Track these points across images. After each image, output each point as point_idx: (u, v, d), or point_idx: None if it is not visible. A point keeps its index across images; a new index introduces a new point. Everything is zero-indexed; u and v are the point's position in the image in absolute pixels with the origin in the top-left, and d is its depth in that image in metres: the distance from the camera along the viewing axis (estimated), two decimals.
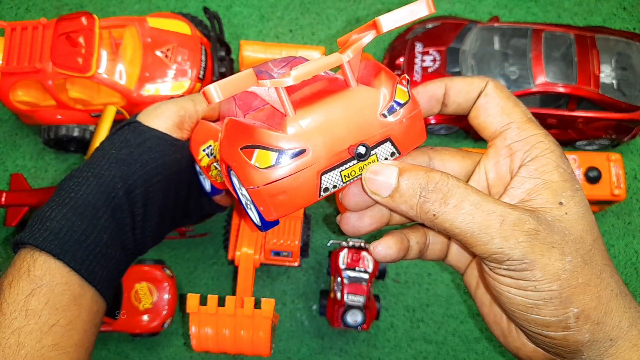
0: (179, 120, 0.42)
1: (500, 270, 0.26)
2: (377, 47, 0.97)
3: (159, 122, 0.42)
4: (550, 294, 0.25)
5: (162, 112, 0.42)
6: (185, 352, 0.85)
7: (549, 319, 0.26)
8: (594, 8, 0.99)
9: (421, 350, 0.85)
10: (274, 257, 0.80)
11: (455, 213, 0.24)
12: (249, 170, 0.28)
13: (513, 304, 0.26)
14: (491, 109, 0.28)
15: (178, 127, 0.42)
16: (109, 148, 0.41)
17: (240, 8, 1.00)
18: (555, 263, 0.25)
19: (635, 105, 0.83)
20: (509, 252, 0.24)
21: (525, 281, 0.25)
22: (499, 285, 0.26)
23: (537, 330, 0.27)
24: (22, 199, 0.83)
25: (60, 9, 0.99)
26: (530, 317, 0.26)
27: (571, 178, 0.27)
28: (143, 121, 0.42)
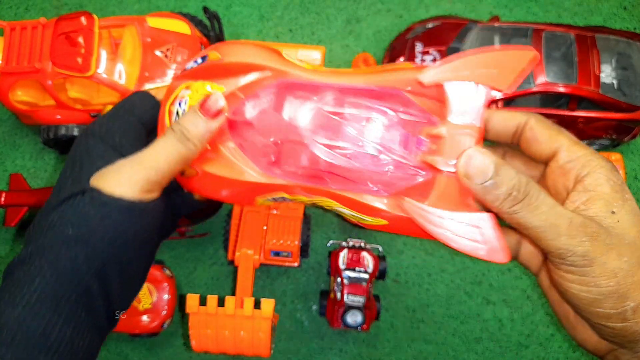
0: (148, 187, 0.33)
1: (564, 267, 0.30)
2: (378, 46, 0.97)
3: (123, 189, 0.33)
4: (609, 290, 0.29)
5: (127, 178, 0.33)
6: (184, 353, 0.85)
7: (609, 311, 0.29)
8: (594, 8, 0.99)
9: (421, 350, 0.85)
10: (273, 258, 0.80)
11: (533, 212, 0.29)
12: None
13: (578, 299, 0.30)
14: (540, 138, 0.32)
15: (146, 192, 0.33)
16: (62, 226, 0.32)
17: (239, 8, 0.99)
18: (612, 262, 0.29)
19: (635, 105, 0.82)
20: (573, 248, 0.28)
21: (587, 277, 0.29)
22: (565, 283, 0.30)
23: (600, 322, 0.30)
24: (21, 199, 0.83)
25: (59, 8, 0.99)
26: (593, 311, 0.30)
27: (621, 189, 0.30)
28: (103, 187, 0.33)
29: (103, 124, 0.37)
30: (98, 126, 0.36)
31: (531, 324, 0.86)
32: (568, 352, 0.85)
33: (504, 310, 0.86)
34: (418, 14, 0.99)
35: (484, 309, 0.86)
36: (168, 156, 0.34)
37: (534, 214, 0.28)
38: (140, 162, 0.34)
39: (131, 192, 0.33)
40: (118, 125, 0.37)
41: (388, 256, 0.86)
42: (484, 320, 0.86)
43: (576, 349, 0.85)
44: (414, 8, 0.99)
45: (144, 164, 0.33)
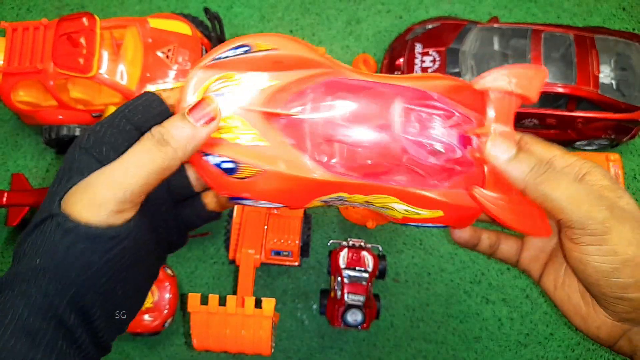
0: (118, 208, 0.29)
1: (585, 237, 0.32)
2: (377, 47, 0.97)
3: (89, 212, 0.29)
4: (627, 257, 0.31)
5: (92, 197, 0.29)
6: (186, 351, 0.85)
7: (627, 280, 0.32)
8: (593, 8, 1.00)
9: (421, 349, 0.85)
10: (274, 257, 0.80)
11: (555, 185, 0.32)
12: None
13: (598, 271, 0.32)
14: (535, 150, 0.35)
15: (116, 212, 0.30)
16: (30, 255, 0.30)
17: (240, 9, 1.00)
18: (628, 232, 0.31)
19: (634, 105, 0.83)
20: (594, 215, 0.31)
21: (606, 245, 0.31)
22: (586, 256, 0.32)
23: (618, 294, 0.32)
24: (23, 199, 0.83)
25: (61, 9, 0.99)
26: (612, 282, 0.32)
27: (618, 185, 0.34)
28: (70, 212, 0.29)
29: (93, 133, 0.33)
30: (88, 135, 0.33)
31: (530, 323, 0.86)
32: (567, 351, 0.85)
33: (503, 309, 0.87)
34: (418, 15, 0.99)
35: (484, 308, 0.87)
36: (141, 168, 0.29)
37: (556, 186, 0.31)
38: (107, 178, 0.29)
39: (97, 216, 0.29)
40: (110, 134, 0.32)
41: (388, 255, 0.87)
42: (483, 319, 0.86)
43: (575, 348, 0.85)
44: (413, 9, 1.00)
45: (111, 181, 0.29)
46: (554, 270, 0.38)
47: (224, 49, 0.33)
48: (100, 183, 0.29)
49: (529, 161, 0.32)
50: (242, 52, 0.33)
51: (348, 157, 0.34)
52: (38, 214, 0.32)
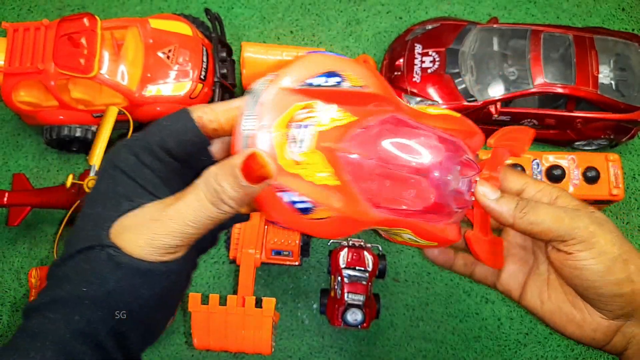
0: (171, 250, 0.30)
1: (576, 246, 0.36)
2: (377, 48, 0.98)
3: (141, 248, 0.30)
4: (614, 255, 0.35)
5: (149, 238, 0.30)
6: (186, 351, 0.85)
7: (619, 276, 0.35)
8: (592, 9, 1.00)
9: (421, 348, 0.85)
10: (274, 256, 0.81)
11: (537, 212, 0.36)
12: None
13: (594, 273, 0.36)
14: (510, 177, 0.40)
15: (170, 254, 0.31)
16: (77, 283, 0.30)
17: (241, 9, 1.00)
18: (608, 234, 0.36)
19: (633, 105, 0.83)
20: (577, 224, 0.35)
21: (596, 248, 0.35)
22: (580, 262, 0.36)
23: (614, 291, 0.36)
24: (24, 199, 0.83)
25: (62, 10, 0.99)
26: (608, 279, 0.35)
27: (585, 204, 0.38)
28: (122, 245, 0.30)
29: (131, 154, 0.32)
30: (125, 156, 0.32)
31: (530, 323, 0.86)
32: (566, 350, 0.86)
33: (503, 308, 0.87)
34: (417, 15, 0.99)
35: (483, 307, 0.87)
36: (196, 218, 0.30)
37: (539, 213, 0.36)
38: (164, 221, 0.30)
39: (151, 254, 0.30)
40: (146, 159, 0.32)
41: (388, 255, 0.87)
42: (482, 318, 0.86)
43: (575, 347, 0.85)
44: (413, 10, 1.00)
45: (168, 225, 0.30)
46: (536, 287, 0.41)
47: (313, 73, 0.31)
48: (157, 225, 0.30)
49: (512, 200, 0.37)
50: (334, 83, 0.31)
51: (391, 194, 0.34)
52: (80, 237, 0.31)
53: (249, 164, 0.28)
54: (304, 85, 0.30)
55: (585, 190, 0.79)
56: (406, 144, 0.34)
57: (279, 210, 0.31)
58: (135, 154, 0.32)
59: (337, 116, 0.31)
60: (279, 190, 0.30)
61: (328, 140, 0.31)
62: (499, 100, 0.84)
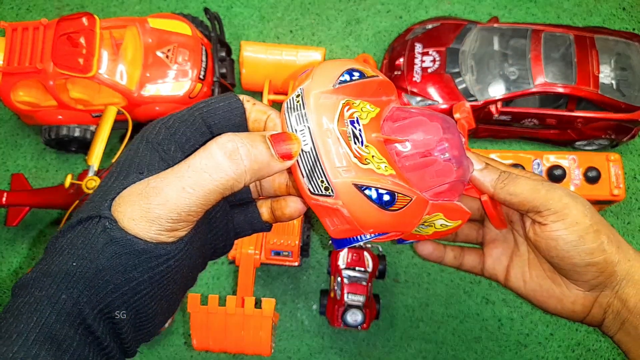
0: (171, 226, 0.27)
1: (550, 217, 0.38)
2: (377, 47, 0.97)
3: (140, 226, 0.26)
4: (587, 225, 0.37)
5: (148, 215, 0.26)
6: (185, 352, 0.85)
7: (591, 245, 0.37)
8: (593, 8, 1.00)
9: (421, 349, 0.85)
10: (274, 257, 0.80)
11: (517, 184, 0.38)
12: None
13: (568, 242, 0.37)
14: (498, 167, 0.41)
15: (170, 231, 0.27)
16: (68, 256, 0.27)
17: (240, 9, 1.00)
18: (580, 206, 0.37)
19: (634, 105, 0.83)
20: (552, 195, 0.37)
21: (569, 219, 0.37)
22: (554, 233, 0.38)
23: (587, 260, 0.37)
24: (23, 199, 0.83)
25: (61, 9, 0.99)
26: (581, 249, 0.37)
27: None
28: (120, 219, 0.27)
29: (165, 127, 0.30)
30: (158, 128, 0.30)
31: (530, 323, 0.86)
32: (567, 351, 0.85)
33: (503, 309, 0.87)
34: (418, 15, 0.99)
35: (483, 308, 0.87)
36: (201, 186, 0.26)
37: (518, 185, 0.38)
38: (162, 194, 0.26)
39: (147, 230, 0.27)
40: (182, 132, 0.29)
41: (388, 255, 0.87)
42: (483, 319, 0.86)
43: (575, 348, 0.85)
44: (413, 9, 1.00)
45: (167, 199, 0.26)
46: (519, 268, 0.43)
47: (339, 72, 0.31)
48: (155, 198, 0.26)
49: (495, 171, 0.39)
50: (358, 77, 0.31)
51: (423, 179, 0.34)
52: (84, 208, 0.29)
53: (278, 138, 0.28)
54: (338, 84, 0.30)
55: (586, 190, 0.78)
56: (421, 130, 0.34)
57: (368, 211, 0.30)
58: (169, 126, 0.30)
59: (369, 108, 0.32)
60: (364, 187, 0.29)
61: (373, 132, 0.31)
62: (500, 100, 0.83)
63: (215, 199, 0.27)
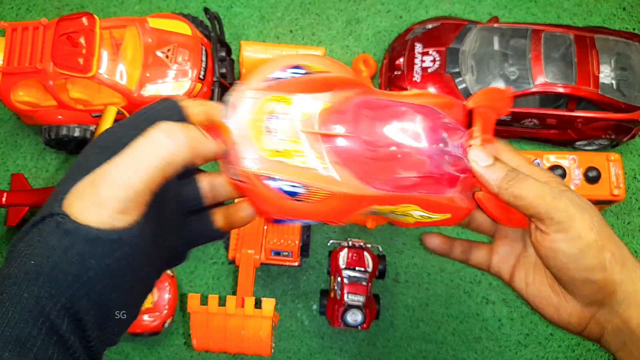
0: (120, 208, 0.28)
1: (553, 227, 0.36)
2: (377, 47, 0.97)
3: (91, 212, 0.27)
4: (590, 240, 0.35)
5: (94, 198, 0.28)
6: (185, 352, 0.85)
7: (592, 262, 0.35)
8: (593, 8, 1.00)
9: (421, 349, 0.85)
10: (274, 257, 0.80)
11: (523, 186, 0.36)
12: None
13: (567, 256, 0.36)
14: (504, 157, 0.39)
15: (119, 213, 0.28)
16: (25, 256, 0.28)
17: (240, 9, 1.00)
18: (588, 219, 0.35)
19: (634, 105, 0.83)
20: (557, 205, 0.35)
21: (572, 232, 0.35)
22: (555, 244, 0.36)
23: (585, 276, 0.36)
24: (23, 199, 0.83)
25: (61, 9, 0.99)
26: (580, 264, 0.35)
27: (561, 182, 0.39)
28: (71, 212, 0.28)
29: (111, 132, 0.31)
30: (104, 134, 0.31)
31: (530, 323, 0.86)
32: (567, 351, 0.85)
33: (503, 309, 0.87)
34: (418, 14, 0.99)
35: (483, 308, 0.87)
36: (144, 162, 0.28)
37: (524, 187, 0.36)
38: (108, 175, 0.27)
39: (98, 217, 0.27)
40: (129, 136, 0.30)
41: (388, 255, 0.87)
42: (483, 319, 0.86)
43: (575, 348, 0.85)
44: (413, 9, 1.00)
45: (113, 178, 0.27)
46: (523, 270, 0.42)
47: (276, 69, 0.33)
48: (102, 181, 0.27)
49: (502, 169, 0.37)
50: (295, 74, 0.34)
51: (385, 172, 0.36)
52: (39, 213, 0.30)
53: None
54: (271, 81, 0.33)
55: (586, 190, 0.78)
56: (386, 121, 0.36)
57: (270, 199, 0.32)
58: (115, 132, 0.32)
59: (310, 104, 0.34)
60: (265, 178, 0.32)
61: (308, 127, 0.33)
62: None
63: (160, 176, 0.28)
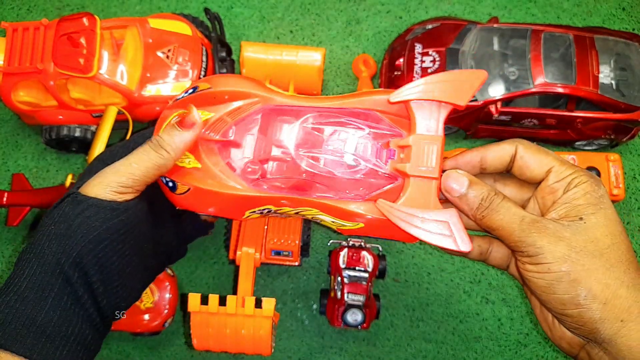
0: (120, 190, 0.39)
1: (523, 258, 0.35)
2: (377, 47, 0.98)
3: (98, 189, 0.38)
4: (560, 275, 0.34)
5: (101, 180, 0.39)
6: (186, 352, 0.85)
7: (563, 296, 0.34)
8: (593, 9, 1.00)
9: (421, 349, 0.85)
10: (274, 257, 0.81)
11: (494, 215, 0.36)
12: None
13: (537, 287, 0.35)
14: (531, 165, 0.38)
15: (119, 193, 0.39)
16: (48, 224, 0.39)
17: (240, 9, 1.00)
18: (561, 250, 0.34)
19: (634, 105, 0.83)
20: (525, 239, 0.35)
21: (541, 264, 0.34)
22: (526, 272, 0.36)
23: (559, 310, 0.35)
24: (23, 199, 0.83)
25: (61, 9, 0.99)
26: (551, 297, 0.35)
27: (597, 201, 0.36)
28: (82, 191, 0.39)
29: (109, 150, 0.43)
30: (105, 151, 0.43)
31: (530, 323, 0.86)
32: None
33: (503, 309, 0.87)
34: (417, 15, 0.99)
35: (483, 307, 0.87)
36: (142, 163, 0.39)
37: (495, 217, 0.36)
38: (116, 169, 0.39)
39: (104, 192, 0.38)
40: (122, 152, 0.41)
41: (388, 255, 0.87)
42: (483, 319, 0.86)
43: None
44: (413, 9, 1.00)
45: (119, 170, 0.39)
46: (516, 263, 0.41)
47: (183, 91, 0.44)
48: (109, 171, 0.39)
49: (476, 198, 0.37)
50: (192, 92, 0.42)
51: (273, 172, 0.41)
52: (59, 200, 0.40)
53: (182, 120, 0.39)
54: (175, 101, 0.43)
55: None
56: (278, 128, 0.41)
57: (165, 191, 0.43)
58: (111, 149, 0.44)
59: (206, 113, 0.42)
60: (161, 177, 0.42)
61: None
62: (499, 100, 0.84)
63: (153, 174, 0.40)
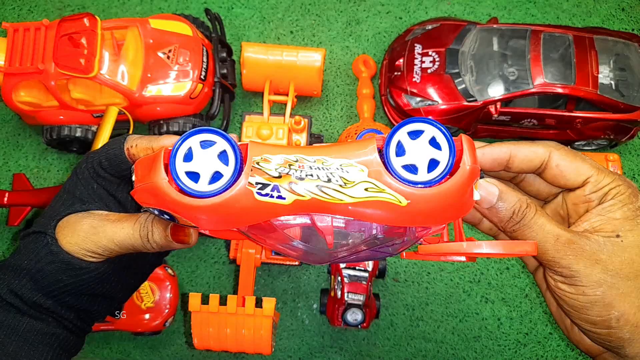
0: (92, 255, 0.39)
1: (556, 276, 0.35)
2: (377, 48, 0.98)
3: (73, 246, 0.38)
4: (595, 298, 0.33)
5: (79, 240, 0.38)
6: (187, 351, 0.85)
7: (595, 318, 0.34)
8: (592, 9, 1.00)
9: (420, 348, 0.85)
10: (274, 256, 0.81)
11: (526, 231, 0.34)
12: None
13: (570, 306, 0.35)
14: (567, 175, 0.36)
15: (90, 256, 0.39)
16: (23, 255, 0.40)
17: (241, 10, 1.00)
18: (597, 274, 0.33)
19: (633, 105, 0.83)
20: (559, 261, 0.34)
21: (576, 286, 0.34)
22: (560, 291, 0.35)
23: (587, 328, 0.35)
24: (24, 199, 0.83)
25: (62, 10, 0.99)
26: (582, 316, 0.34)
27: (635, 215, 0.34)
28: (60, 237, 0.39)
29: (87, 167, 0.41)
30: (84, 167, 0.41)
31: (529, 323, 0.86)
32: (566, 350, 0.86)
33: (503, 308, 0.87)
34: (417, 16, 1.00)
35: (483, 307, 0.87)
36: (123, 242, 0.39)
37: (528, 233, 0.34)
38: (98, 234, 0.39)
39: (78, 252, 0.39)
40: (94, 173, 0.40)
41: None
42: (482, 318, 0.87)
43: (574, 348, 0.86)
44: (413, 10, 1.00)
45: (100, 238, 0.39)
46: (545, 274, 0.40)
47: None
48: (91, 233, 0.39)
49: (505, 214, 0.35)
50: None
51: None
52: (40, 222, 0.41)
53: (177, 229, 0.38)
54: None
55: None
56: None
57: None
58: (88, 168, 0.41)
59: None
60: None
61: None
62: (499, 101, 0.84)
63: (129, 251, 0.40)
